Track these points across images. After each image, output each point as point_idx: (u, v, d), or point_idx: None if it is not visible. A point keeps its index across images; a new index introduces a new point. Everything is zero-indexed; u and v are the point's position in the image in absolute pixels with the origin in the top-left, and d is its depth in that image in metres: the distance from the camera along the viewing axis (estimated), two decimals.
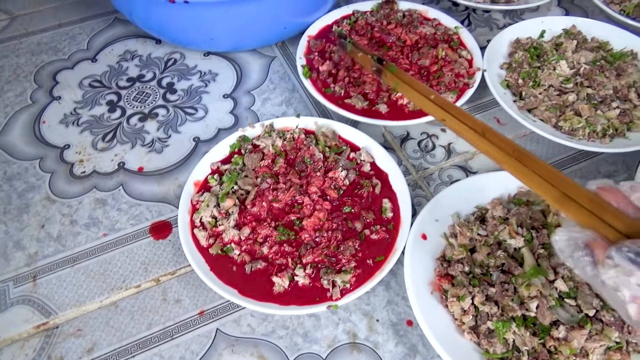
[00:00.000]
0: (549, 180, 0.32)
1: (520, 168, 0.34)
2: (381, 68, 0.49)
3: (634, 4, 0.63)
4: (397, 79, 0.47)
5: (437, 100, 0.42)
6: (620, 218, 0.27)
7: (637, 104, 0.53)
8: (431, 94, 0.43)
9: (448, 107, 0.41)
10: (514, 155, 0.35)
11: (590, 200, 0.29)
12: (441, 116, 0.41)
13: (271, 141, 0.50)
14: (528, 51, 0.58)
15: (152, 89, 0.62)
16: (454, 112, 0.40)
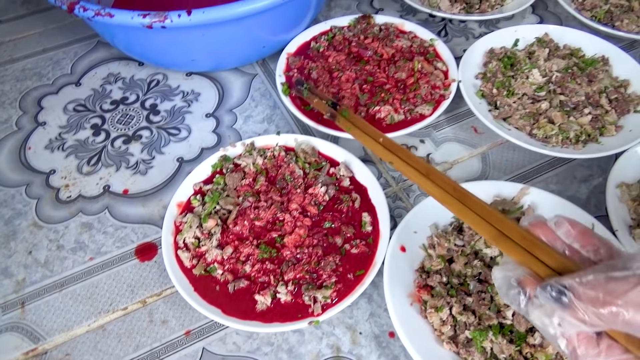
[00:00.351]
0: (487, 218, 0.34)
1: (460, 207, 0.36)
2: (335, 113, 0.51)
3: (604, 10, 0.64)
4: (349, 123, 0.49)
5: (385, 143, 0.45)
6: (550, 254, 0.28)
7: (608, 109, 0.54)
8: (380, 137, 0.46)
9: (395, 149, 0.44)
10: (454, 195, 0.37)
11: (523, 237, 0.30)
12: (389, 159, 0.44)
13: (252, 160, 0.51)
14: (502, 61, 0.59)
15: (135, 111, 0.63)
16: (400, 154, 0.43)
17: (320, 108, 0.53)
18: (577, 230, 0.28)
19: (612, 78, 0.58)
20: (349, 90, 0.57)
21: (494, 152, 0.56)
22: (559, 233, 0.29)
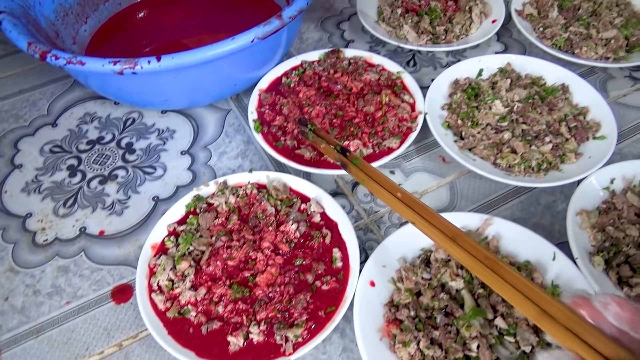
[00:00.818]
0: (525, 293, 0.32)
1: (494, 278, 0.34)
2: (346, 161, 0.48)
3: (564, 38, 0.67)
4: (362, 174, 0.46)
5: (404, 198, 0.42)
6: (601, 339, 0.26)
7: (568, 137, 0.56)
8: (397, 191, 0.42)
9: (417, 207, 0.41)
10: (485, 262, 0.35)
11: (568, 318, 0.28)
12: (411, 218, 0.40)
13: (224, 199, 0.53)
14: (466, 92, 0.61)
15: (111, 150, 0.64)
16: (423, 212, 0.40)
17: (329, 154, 0.50)
18: (627, 311, 0.26)
19: (572, 106, 0.60)
20: (319, 125, 0.58)
21: (462, 181, 0.58)
22: (607, 314, 0.27)
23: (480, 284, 0.45)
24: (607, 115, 0.57)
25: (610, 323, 0.27)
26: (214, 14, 0.81)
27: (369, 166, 0.47)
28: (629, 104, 0.65)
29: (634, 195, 0.50)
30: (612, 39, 0.65)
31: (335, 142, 0.50)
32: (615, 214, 0.49)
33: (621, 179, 0.52)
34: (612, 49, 0.65)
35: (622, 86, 0.67)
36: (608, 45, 0.65)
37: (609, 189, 0.52)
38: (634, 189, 0.51)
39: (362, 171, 0.47)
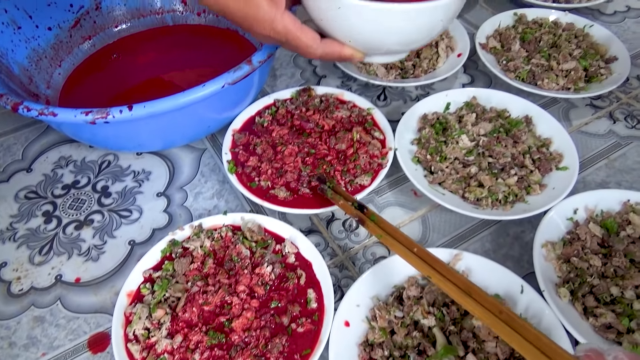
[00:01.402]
0: (540, 348, 0.33)
1: (510, 333, 0.35)
2: (363, 218, 0.50)
3: (526, 70, 0.70)
4: (380, 230, 0.48)
5: (420, 253, 0.44)
6: None
7: (532, 169, 0.58)
8: (414, 246, 0.44)
9: (432, 261, 0.43)
10: (501, 317, 0.36)
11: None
12: (426, 272, 0.42)
13: (200, 242, 0.53)
14: (434, 127, 0.63)
15: (87, 194, 0.64)
16: (438, 267, 0.42)
17: (346, 210, 0.52)
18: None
19: (536, 137, 0.62)
20: (292, 164, 0.60)
21: (433, 214, 0.60)
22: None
23: (451, 320, 0.46)
24: (568, 146, 0.59)
25: None
26: (191, 51, 0.82)
27: (386, 222, 0.49)
28: (590, 132, 0.67)
29: (595, 225, 0.52)
30: (572, 70, 0.68)
31: (352, 199, 0.53)
32: (579, 245, 0.51)
33: (584, 209, 0.54)
34: (572, 80, 0.68)
35: (584, 115, 0.69)
36: (568, 77, 0.68)
37: (572, 219, 0.54)
38: (595, 219, 0.53)
39: (379, 227, 0.48)
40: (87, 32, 0.79)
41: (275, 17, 0.46)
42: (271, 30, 0.47)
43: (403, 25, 0.49)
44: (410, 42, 0.53)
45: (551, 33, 0.75)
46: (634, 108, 0.70)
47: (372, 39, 0.51)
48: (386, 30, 0.49)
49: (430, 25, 0.50)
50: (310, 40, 0.49)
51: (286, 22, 0.47)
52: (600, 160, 0.64)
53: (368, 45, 0.52)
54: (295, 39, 0.48)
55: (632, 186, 0.61)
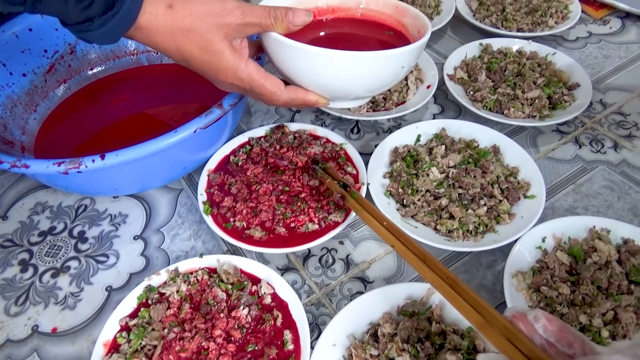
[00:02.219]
0: (475, 307, 0.38)
1: (452, 293, 0.41)
2: (345, 194, 0.56)
3: (493, 100, 0.72)
4: (358, 205, 0.54)
5: (388, 226, 0.50)
6: (528, 346, 0.32)
7: (501, 199, 0.59)
8: (384, 220, 0.51)
9: (397, 234, 0.49)
10: (447, 282, 0.42)
11: (505, 328, 0.35)
12: (391, 242, 0.48)
13: (176, 287, 0.53)
14: (405, 160, 0.64)
15: (63, 240, 0.64)
16: (402, 239, 0.48)
17: (332, 187, 0.58)
18: (553, 326, 0.32)
19: (504, 167, 0.64)
20: (266, 203, 0.60)
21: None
22: (537, 327, 0.33)
23: (425, 356, 0.46)
24: (535, 174, 0.61)
25: (540, 335, 0.33)
26: (167, 89, 0.83)
27: (364, 199, 0.55)
28: (557, 158, 0.69)
29: (563, 253, 0.53)
30: (536, 98, 0.71)
31: (339, 179, 0.59)
32: (548, 273, 0.52)
33: (551, 237, 0.56)
34: (537, 108, 0.70)
35: (551, 140, 0.72)
36: (533, 105, 0.70)
37: (541, 247, 0.55)
38: (563, 247, 0.55)
39: (357, 203, 0.54)
40: (62, 76, 0.80)
41: (239, 65, 0.48)
42: (235, 78, 0.49)
43: (365, 72, 0.51)
44: (373, 88, 0.55)
45: (516, 62, 0.77)
46: (598, 132, 0.72)
47: (334, 86, 0.52)
48: (348, 77, 0.51)
49: (393, 71, 0.52)
50: (274, 87, 0.50)
51: (250, 70, 0.49)
52: (568, 185, 0.66)
53: (331, 91, 0.53)
54: (260, 86, 0.49)
55: (599, 211, 0.63)
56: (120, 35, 0.45)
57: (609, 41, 0.88)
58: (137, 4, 0.43)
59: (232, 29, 0.46)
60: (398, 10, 0.61)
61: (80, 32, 0.44)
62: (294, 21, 0.48)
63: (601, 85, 0.80)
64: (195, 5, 0.45)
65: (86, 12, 0.42)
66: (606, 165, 0.68)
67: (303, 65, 0.50)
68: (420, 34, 0.56)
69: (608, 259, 0.52)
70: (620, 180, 0.66)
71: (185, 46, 0.46)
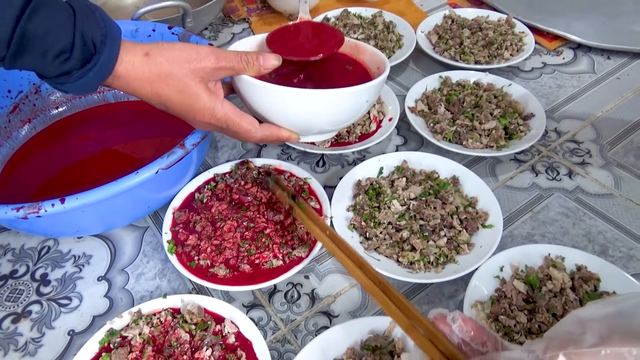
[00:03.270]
0: (404, 311, 0.41)
1: (383, 298, 0.44)
2: (293, 204, 0.59)
3: (452, 131, 0.74)
4: (303, 215, 0.57)
5: (331, 235, 0.53)
6: (445, 345, 0.35)
7: (460, 229, 0.61)
8: (327, 229, 0.54)
9: (338, 242, 0.52)
10: (379, 287, 0.45)
11: (428, 330, 0.38)
12: (331, 250, 0.51)
13: (139, 330, 0.53)
14: (367, 193, 0.66)
15: (25, 284, 0.63)
16: (342, 247, 0.51)
17: (282, 199, 0.61)
18: (469, 326, 0.35)
19: (463, 197, 0.65)
20: (231, 240, 0.61)
21: None
22: (454, 327, 0.35)
23: None
24: (493, 204, 0.63)
25: (457, 335, 0.35)
26: (135, 124, 0.83)
27: (310, 209, 0.58)
28: (515, 186, 0.72)
29: (519, 281, 0.55)
30: (493, 129, 0.73)
31: (289, 190, 0.62)
32: (506, 302, 0.53)
33: (509, 266, 0.57)
34: (493, 139, 0.72)
35: (509, 169, 0.74)
36: (490, 135, 0.73)
37: (499, 277, 0.56)
38: (520, 275, 0.56)
39: (304, 213, 0.57)
40: (27, 116, 0.80)
41: (215, 106, 0.51)
42: (212, 118, 0.51)
43: (330, 108, 0.55)
44: (339, 122, 0.59)
45: (473, 94, 0.80)
46: (554, 160, 0.75)
47: (303, 122, 0.56)
48: (315, 114, 0.55)
49: (357, 106, 0.56)
50: (249, 125, 0.54)
51: (226, 109, 0.52)
52: (526, 213, 0.68)
53: (301, 126, 0.57)
54: (235, 124, 0.53)
55: (555, 237, 0.65)
56: (98, 85, 0.46)
57: (562, 71, 0.92)
58: (114, 56, 0.45)
59: (207, 73, 0.49)
60: (356, 48, 0.65)
61: (58, 85, 0.45)
62: (265, 64, 0.52)
63: (556, 114, 0.83)
64: (171, 52, 0.48)
65: (64, 65, 0.43)
66: (561, 192, 0.70)
67: (274, 104, 0.54)
68: (380, 70, 0.60)
69: (562, 286, 0.54)
70: (575, 207, 0.68)
71: (163, 90, 0.48)
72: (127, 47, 0.46)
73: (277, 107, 0.54)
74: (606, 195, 0.69)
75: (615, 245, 0.63)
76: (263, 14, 1.14)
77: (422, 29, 0.98)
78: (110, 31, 0.45)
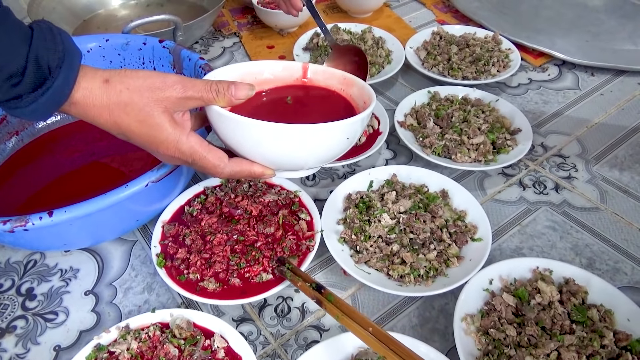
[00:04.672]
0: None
1: None
2: (321, 298, 0.52)
3: (441, 145, 0.75)
4: (336, 309, 0.50)
5: (375, 332, 0.47)
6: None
7: (450, 242, 0.61)
8: (369, 325, 0.47)
9: (387, 340, 0.46)
10: None
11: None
12: (382, 352, 0.46)
13: (126, 345, 0.52)
14: (357, 206, 0.66)
15: (10, 299, 0.62)
16: (392, 346, 0.46)
17: (305, 291, 0.53)
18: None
19: (452, 210, 0.66)
20: (221, 254, 0.60)
21: (362, 292, 0.61)
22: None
23: None
24: (482, 217, 0.64)
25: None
26: None
27: (343, 302, 0.51)
28: (503, 200, 0.72)
29: (509, 295, 0.55)
30: (481, 143, 0.74)
31: (311, 280, 0.54)
32: (495, 316, 0.54)
33: (498, 279, 0.58)
34: (482, 153, 0.73)
35: (497, 183, 0.75)
36: (478, 150, 0.74)
37: (488, 290, 0.57)
38: (509, 288, 0.57)
39: (336, 307, 0.50)
40: (14, 128, 0.79)
41: (179, 138, 0.48)
42: (176, 151, 0.48)
43: (308, 144, 0.49)
44: (318, 160, 0.53)
45: (461, 109, 0.81)
46: (540, 174, 0.76)
47: (279, 158, 0.51)
48: (293, 150, 0.49)
49: (337, 142, 0.51)
50: (217, 160, 0.49)
51: (192, 142, 0.48)
52: (514, 227, 0.69)
53: (276, 163, 0.52)
54: (202, 159, 0.49)
55: (543, 250, 0.65)
56: (53, 111, 0.44)
57: (548, 87, 0.94)
58: (70, 81, 0.43)
59: (172, 103, 0.46)
60: (345, 81, 0.60)
61: (9, 109, 0.43)
62: (236, 95, 0.48)
63: (542, 129, 0.85)
64: (133, 80, 0.45)
65: (15, 89, 0.41)
66: (549, 206, 0.71)
67: (246, 138, 0.49)
68: (366, 105, 0.55)
69: (551, 299, 0.54)
70: (562, 220, 0.69)
71: (123, 120, 0.46)
72: (86, 73, 0.44)
73: (250, 141, 0.49)
74: (592, 209, 0.70)
75: (601, 258, 0.64)
76: (253, 28, 1.15)
77: (411, 45, 1.00)
78: (69, 55, 0.43)
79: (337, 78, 0.61)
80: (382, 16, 1.18)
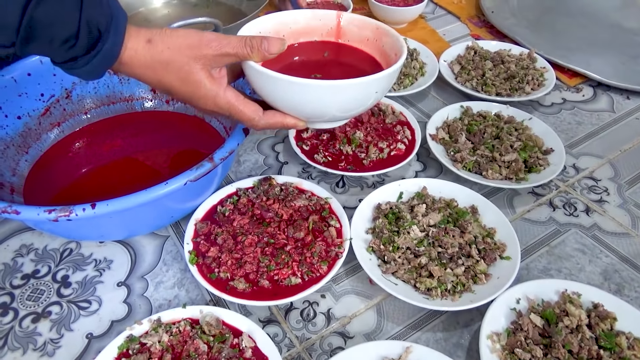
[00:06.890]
0: None
1: None
2: None
3: (472, 161, 0.75)
4: None
5: None
6: None
7: (478, 259, 0.62)
8: None
9: None
10: None
11: None
12: None
13: (158, 337, 0.54)
14: (387, 217, 0.66)
15: (46, 284, 0.64)
16: None
17: None
18: None
19: (481, 227, 0.66)
20: (251, 255, 0.62)
21: (388, 302, 0.62)
22: None
23: None
24: (511, 236, 0.64)
25: None
26: (158, 135, 0.85)
27: None
28: (532, 219, 0.72)
29: (536, 315, 0.55)
30: (513, 161, 0.74)
31: None
32: (522, 335, 0.54)
33: (525, 299, 0.58)
34: (513, 171, 0.73)
35: (527, 202, 0.75)
36: (510, 167, 0.74)
37: (515, 309, 0.57)
38: (536, 309, 0.57)
39: None
40: (57, 119, 0.82)
41: (217, 93, 0.51)
42: (214, 106, 0.52)
43: (338, 98, 0.53)
44: (347, 111, 0.57)
45: (494, 125, 0.81)
46: (571, 196, 0.76)
47: (310, 110, 0.55)
48: (323, 103, 0.53)
49: (366, 96, 0.54)
50: (252, 114, 0.53)
51: (229, 97, 0.52)
52: (542, 247, 0.68)
53: (308, 114, 0.56)
54: (238, 112, 0.53)
55: (571, 273, 0.65)
56: (104, 71, 0.48)
57: (581, 108, 0.94)
58: (118, 43, 0.46)
59: (210, 60, 0.49)
60: (378, 31, 0.63)
61: (67, 70, 0.47)
62: (269, 50, 0.50)
63: (574, 150, 0.84)
64: (173, 39, 0.48)
65: (70, 52, 0.44)
66: (578, 228, 0.71)
67: (279, 92, 0.52)
68: (397, 57, 0.58)
69: (579, 322, 0.54)
70: (591, 244, 0.69)
71: (165, 78, 0.49)
72: (131, 33, 0.47)
73: (283, 95, 0.52)
74: (623, 234, 0.70)
75: (631, 285, 0.64)
76: None
77: (445, 59, 1.00)
78: (116, 18, 0.45)
79: (371, 28, 0.63)
80: (417, 27, 1.18)
